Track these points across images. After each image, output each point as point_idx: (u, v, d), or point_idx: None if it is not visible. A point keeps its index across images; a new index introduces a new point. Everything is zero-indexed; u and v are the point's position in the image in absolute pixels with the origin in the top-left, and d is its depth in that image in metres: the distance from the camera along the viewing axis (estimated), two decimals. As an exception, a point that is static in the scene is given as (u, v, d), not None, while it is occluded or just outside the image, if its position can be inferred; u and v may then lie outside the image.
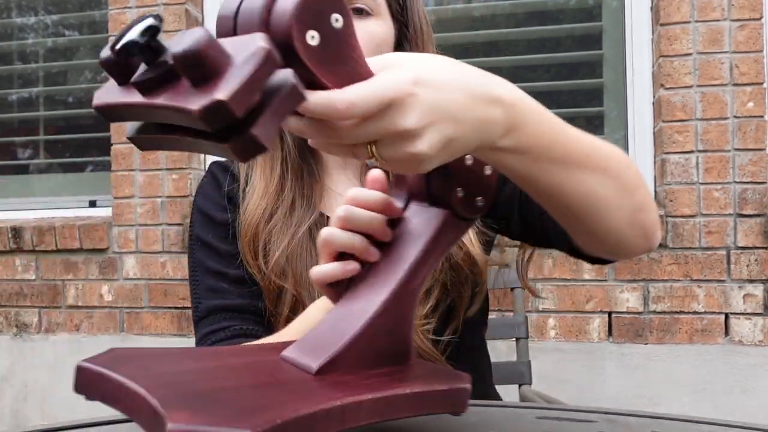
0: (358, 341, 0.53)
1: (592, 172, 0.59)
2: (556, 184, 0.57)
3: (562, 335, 1.94)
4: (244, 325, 0.86)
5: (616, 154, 0.63)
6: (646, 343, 1.90)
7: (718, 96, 1.88)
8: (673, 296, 1.88)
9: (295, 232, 0.86)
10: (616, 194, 0.62)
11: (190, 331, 2.15)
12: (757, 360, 1.85)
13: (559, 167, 0.56)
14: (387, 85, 0.46)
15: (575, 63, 2.17)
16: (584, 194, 0.59)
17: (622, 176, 0.62)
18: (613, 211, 0.62)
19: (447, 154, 0.49)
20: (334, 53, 0.45)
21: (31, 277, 2.30)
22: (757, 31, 1.87)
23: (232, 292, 0.88)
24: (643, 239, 0.68)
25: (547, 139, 0.55)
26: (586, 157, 0.58)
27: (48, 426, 0.60)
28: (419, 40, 0.89)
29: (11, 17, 2.60)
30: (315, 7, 0.44)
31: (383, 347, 0.55)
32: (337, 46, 0.45)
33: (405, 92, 0.46)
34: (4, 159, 2.58)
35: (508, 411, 0.67)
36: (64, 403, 2.25)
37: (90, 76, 2.55)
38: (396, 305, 0.55)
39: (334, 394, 0.46)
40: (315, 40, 0.44)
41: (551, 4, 2.19)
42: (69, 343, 2.25)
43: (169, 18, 2.21)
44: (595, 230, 0.64)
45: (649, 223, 0.67)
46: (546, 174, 0.56)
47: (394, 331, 0.55)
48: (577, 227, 0.66)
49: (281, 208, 0.87)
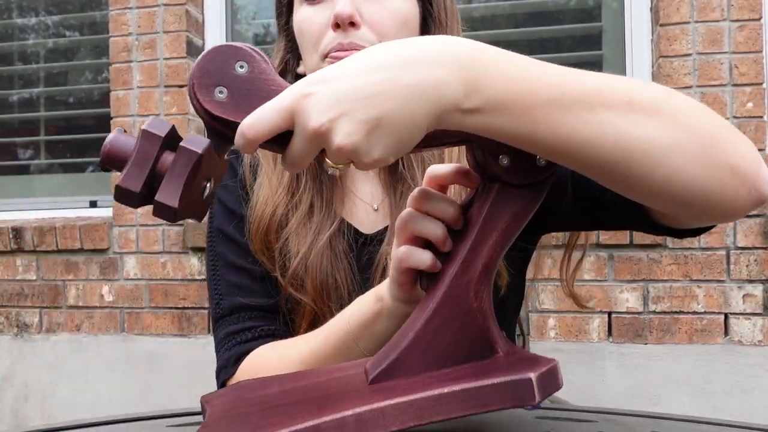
0: (416, 343, 0.51)
1: (611, 109, 0.48)
2: (564, 136, 0.48)
3: (562, 335, 1.94)
4: (271, 326, 0.82)
5: (649, 85, 0.52)
6: (646, 343, 1.90)
7: (718, 96, 1.88)
8: (673, 296, 1.88)
9: (314, 240, 0.80)
10: (663, 130, 0.49)
11: (191, 331, 2.15)
12: (756, 360, 1.85)
13: (557, 114, 0.48)
14: (282, 97, 0.46)
15: (575, 63, 2.16)
16: (612, 140, 0.48)
17: (663, 109, 0.50)
18: (670, 154, 0.49)
19: (386, 135, 0.46)
20: (250, 95, 0.48)
21: (31, 278, 2.30)
22: (757, 32, 1.87)
23: (256, 291, 0.83)
24: (741, 184, 0.51)
25: (527, 85, 0.48)
26: (595, 93, 0.49)
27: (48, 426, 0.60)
28: (443, 17, 0.86)
29: (12, 18, 2.61)
30: (211, 67, 0.48)
31: (453, 344, 0.51)
32: (251, 87, 0.48)
33: (299, 95, 0.45)
34: (5, 159, 2.58)
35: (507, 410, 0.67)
36: (64, 403, 2.25)
37: (90, 76, 2.55)
38: (456, 299, 0.52)
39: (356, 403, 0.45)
40: (223, 94, 0.48)
41: (551, 5, 2.19)
42: (69, 343, 2.26)
43: (169, 18, 2.21)
44: (658, 185, 0.50)
45: (740, 161, 0.52)
46: (544, 127, 0.48)
47: (464, 326, 0.52)
48: (629, 187, 0.52)
49: (298, 211, 0.82)
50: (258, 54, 0.49)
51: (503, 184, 0.52)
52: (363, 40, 0.77)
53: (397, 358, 0.51)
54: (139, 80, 2.23)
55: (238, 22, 2.38)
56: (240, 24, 2.38)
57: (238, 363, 0.81)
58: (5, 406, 2.30)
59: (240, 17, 2.39)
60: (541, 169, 0.52)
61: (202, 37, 2.30)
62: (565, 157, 0.50)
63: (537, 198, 0.53)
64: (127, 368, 2.20)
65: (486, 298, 0.52)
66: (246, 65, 0.48)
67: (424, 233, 0.56)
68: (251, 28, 2.40)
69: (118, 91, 2.24)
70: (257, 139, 0.46)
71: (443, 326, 0.51)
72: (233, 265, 0.85)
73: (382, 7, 0.79)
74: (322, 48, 0.79)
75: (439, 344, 0.51)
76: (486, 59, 0.48)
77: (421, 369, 0.51)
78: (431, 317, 0.51)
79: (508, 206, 0.52)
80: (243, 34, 2.39)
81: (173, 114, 2.19)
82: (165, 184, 0.45)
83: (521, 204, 0.52)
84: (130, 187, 0.45)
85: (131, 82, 2.23)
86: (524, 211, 0.53)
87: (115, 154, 0.46)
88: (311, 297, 0.79)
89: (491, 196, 0.52)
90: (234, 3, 2.35)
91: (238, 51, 0.48)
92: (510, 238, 0.53)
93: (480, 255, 0.52)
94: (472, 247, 0.52)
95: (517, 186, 0.52)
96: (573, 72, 0.50)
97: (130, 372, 2.20)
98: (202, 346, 2.14)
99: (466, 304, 0.52)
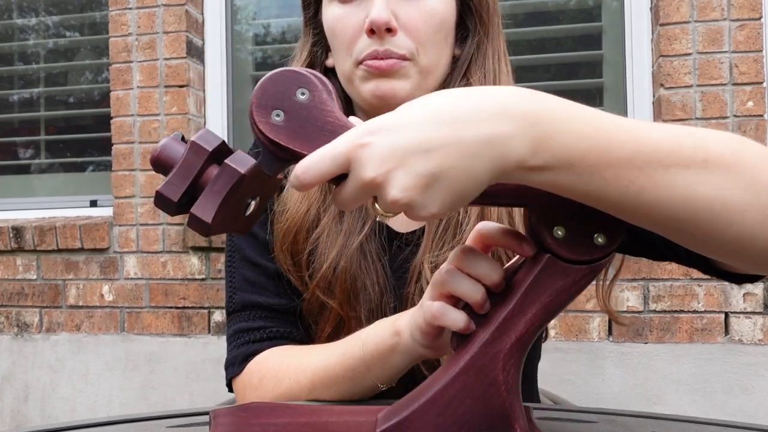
0: (432, 405, 0.49)
1: (685, 168, 0.46)
2: (633, 195, 0.46)
3: (563, 335, 1.94)
4: (281, 327, 0.81)
5: (721, 139, 0.50)
6: (646, 342, 1.90)
7: (718, 95, 1.88)
8: (673, 295, 1.88)
9: (345, 244, 0.78)
10: (733, 190, 0.47)
11: (191, 331, 2.16)
12: (756, 359, 1.85)
13: (628, 173, 0.46)
14: (338, 143, 0.46)
15: (575, 63, 2.17)
16: (681, 200, 0.47)
17: (737, 165, 0.48)
18: (742, 214, 0.48)
19: (444, 190, 0.44)
20: (307, 123, 0.48)
21: (32, 277, 2.30)
22: (757, 31, 1.87)
23: (269, 289, 0.82)
24: None
25: (597, 144, 0.46)
26: (668, 152, 0.46)
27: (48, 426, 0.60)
28: (483, 11, 0.82)
29: (12, 18, 2.61)
30: (272, 89, 0.48)
31: (470, 413, 0.49)
32: (308, 116, 0.48)
33: (356, 145, 0.45)
34: (5, 159, 2.58)
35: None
36: (64, 403, 2.25)
37: (90, 76, 2.55)
38: (481, 367, 0.49)
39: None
40: (280, 117, 0.48)
41: (551, 5, 2.19)
42: (70, 342, 2.26)
43: (169, 18, 2.21)
44: (727, 243, 0.49)
45: None
46: (614, 186, 0.46)
47: (484, 398, 0.49)
48: (696, 243, 0.51)
49: (329, 212, 0.80)
50: (321, 83, 0.49)
51: (554, 256, 0.50)
52: (399, 47, 0.75)
53: (409, 416, 0.50)
54: (139, 80, 2.23)
55: (238, 22, 2.38)
56: (240, 24, 2.38)
57: (246, 362, 0.80)
58: (5, 406, 2.30)
59: (240, 17, 2.39)
60: (597, 248, 0.50)
61: (202, 37, 2.30)
62: (632, 215, 0.48)
63: (588, 277, 0.50)
64: (127, 368, 2.21)
65: (514, 372, 0.50)
66: (307, 92, 0.48)
67: (461, 294, 0.53)
68: (251, 28, 2.40)
69: (118, 91, 2.24)
70: (312, 183, 0.46)
71: (463, 393, 0.49)
72: (249, 260, 0.84)
73: (417, 9, 0.76)
74: (356, 53, 0.77)
75: (456, 410, 0.49)
76: (557, 115, 0.46)
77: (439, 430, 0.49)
78: (452, 381, 0.49)
79: (554, 281, 0.50)
80: (243, 34, 2.39)
81: (173, 114, 2.19)
82: (203, 198, 0.46)
83: (569, 281, 0.50)
84: (169, 195, 0.47)
85: (131, 82, 2.23)
86: (571, 288, 0.50)
87: (164, 160, 0.48)
88: (338, 301, 0.77)
89: (538, 267, 0.50)
90: (234, 3, 2.35)
91: (301, 77, 0.49)
92: (551, 315, 0.50)
93: (515, 327, 0.50)
94: (508, 317, 0.50)
95: (568, 261, 0.50)
96: (646, 127, 0.48)
97: (130, 372, 2.20)
98: (202, 346, 2.14)
99: (492, 375, 0.49)
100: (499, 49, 0.84)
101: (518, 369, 0.50)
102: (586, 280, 0.50)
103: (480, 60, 0.83)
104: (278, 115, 0.48)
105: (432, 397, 0.49)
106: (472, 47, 0.83)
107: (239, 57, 2.36)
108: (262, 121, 0.47)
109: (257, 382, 0.77)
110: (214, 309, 2.15)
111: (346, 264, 0.77)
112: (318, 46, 0.86)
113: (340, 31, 0.78)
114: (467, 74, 0.82)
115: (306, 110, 0.48)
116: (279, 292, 0.82)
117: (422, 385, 0.53)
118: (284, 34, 2.40)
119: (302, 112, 0.48)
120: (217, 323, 2.14)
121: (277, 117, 0.48)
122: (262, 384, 0.76)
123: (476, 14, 0.82)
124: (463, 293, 0.53)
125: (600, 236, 0.49)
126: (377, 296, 0.77)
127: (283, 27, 2.40)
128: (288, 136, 0.48)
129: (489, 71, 0.82)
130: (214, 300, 2.14)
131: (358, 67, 0.77)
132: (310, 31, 0.86)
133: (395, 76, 0.76)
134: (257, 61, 2.39)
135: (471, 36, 0.83)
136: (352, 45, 0.77)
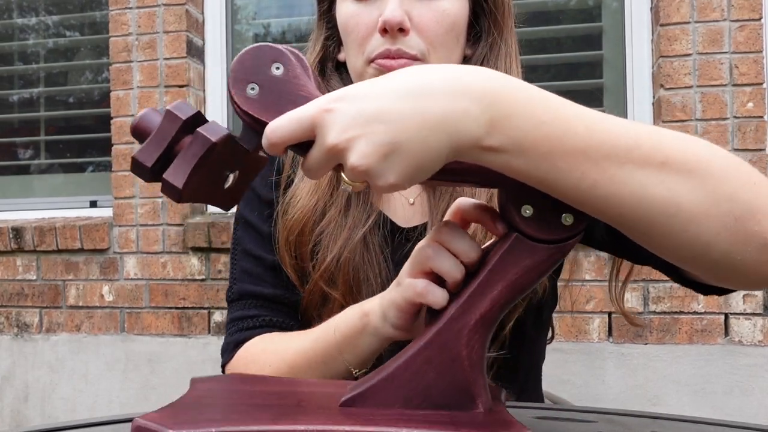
0: (396, 376, 0.50)
1: (640, 167, 0.46)
2: (585, 188, 0.46)
3: (563, 335, 1.94)
4: (274, 317, 0.83)
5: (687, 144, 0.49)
6: (646, 343, 1.90)
7: (718, 96, 1.88)
8: (673, 296, 1.88)
9: (349, 236, 0.79)
10: (691, 196, 0.47)
11: (191, 331, 2.16)
12: (756, 360, 1.85)
13: (581, 165, 0.46)
14: (306, 108, 0.47)
15: (575, 63, 2.17)
16: (635, 198, 0.47)
17: (699, 171, 0.47)
18: (697, 220, 0.47)
19: (402, 161, 0.45)
20: (280, 97, 0.49)
21: (31, 278, 2.30)
22: (757, 32, 1.87)
23: (266, 280, 0.84)
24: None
25: (554, 131, 0.46)
26: (625, 149, 0.46)
27: (48, 426, 0.60)
28: (499, 13, 0.82)
29: (12, 18, 2.61)
30: (249, 63, 0.49)
31: (434, 386, 0.50)
32: (282, 89, 0.49)
33: (322, 110, 0.46)
34: (5, 159, 2.58)
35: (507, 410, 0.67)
36: (64, 403, 2.25)
37: (90, 76, 2.55)
38: (445, 342, 0.50)
39: (315, 420, 0.45)
40: (255, 91, 0.49)
41: (551, 5, 2.19)
42: (69, 343, 2.26)
43: (169, 18, 2.21)
44: (681, 248, 0.49)
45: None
46: (566, 175, 0.46)
47: (447, 372, 0.50)
48: (652, 243, 0.50)
49: (335, 205, 0.81)
50: (296, 58, 0.50)
51: (521, 234, 0.50)
52: (411, 47, 0.76)
53: (373, 386, 0.50)
54: (139, 80, 2.23)
55: (238, 22, 2.38)
56: (240, 24, 2.38)
57: (236, 349, 0.83)
58: (5, 406, 2.30)
59: (240, 17, 2.39)
60: (565, 227, 0.50)
61: (202, 37, 2.30)
62: (584, 207, 0.48)
63: (554, 256, 0.50)
64: (127, 368, 2.20)
65: (478, 348, 0.50)
66: (282, 67, 0.50)
67: (443, 272, 0.54)
68: (251, 28, 2.40)
69: (118, 91, 2.24)
70: (279, 143, 0.47)
71: (426, 366, 0.50)
72: (248, 252, 0.86)
73: (430, 9, 0.77)
74: (368, 51, 0.77)
75: (419, 383, 0.50)
76: (516, 97, 0.47)
77: (395, 403, 0.50)
78: (416, 354, 0.50)
79: (521, 259, 0.50)
80: (243, 34, 2.39)
81: (173, 114, 2.19)
82: (175, 164, 0.48)
83: (535, 259, 0.50)
84: (143, 160, 0.48)
85: (131, 82, 2.23)
86: (537, 267, 0.50)
87: (141, 128, 0.50)
88: (341, 292, 0.79)
89: (506, 245, 0.50)
90: (234, 3, 2.35)
91: (276, 52, 0.50)
92: (517, 293, 0.50)
93: (480, 304, 0.50)
94: (474, 294, 0.50)
95: (535, 240, 0.50)
96: (608, 122, 0.48)
97: (130, 372, 2.20)
98: (202, 346, 2.14)
99: (456, 350, 0.50)
100: (512, 49, 0.85)
101: (483, 345, 0.50)
102: (552, 259, 0.50)
103: (492, 60, 0.83)
104: (253, 88, 0.49)
105: (396, 369, 0.50)
106: (485, 48, 0.84)
107: (239, 57, 2.36)
108: (238, 94, 0.49)
109: (243, 368, 0.80)
110: (214, 309, 2.15)
111: (349, 255, 0.78)
112: (331, 40, 0.87)
113: (353, 29, 0.79)
114: None
115: (280, 84, 0.49)
116: (276, 283, 0.84)
117: (391, 359, 0.53)
118: (284, 34, 2.40)
119: (276, 86, 0.49)
120: (217, 323, 2.14)
121: (252, 90, 0.49)
122: (247, 369, 0.79)
123: (491, 16, 0.82)
124: (445, 271, 0.54)
125: (568, 216, 0.49)
126: (379, 288, 0.78)
127: (283, 27, 2.40)
128: (261, 108, 0.49)
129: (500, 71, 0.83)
130: (214, 300, 2.14)
131: (370, 65, 0.77)
132: (324, 25, 0.87)
133: None
134: (257, 62, 2.39)
135: (484, 36, 0.83)
136: (365, 43, 0.78)
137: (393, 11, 0.74)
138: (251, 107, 0.49)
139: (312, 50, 0.88)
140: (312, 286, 0.80)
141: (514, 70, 0.84)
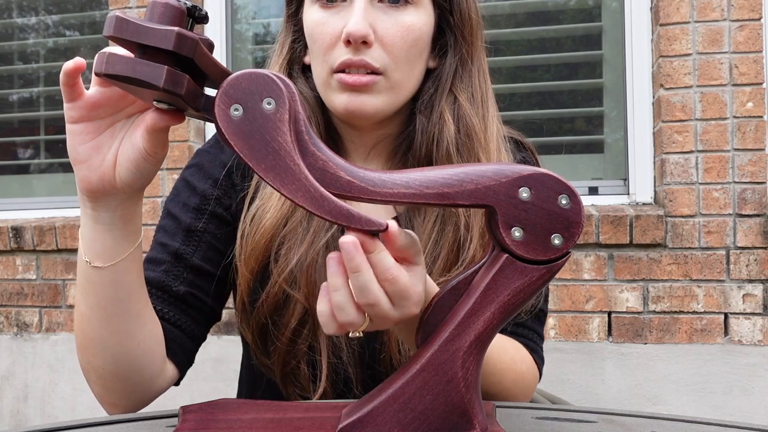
0: (393, 401, 0.51)
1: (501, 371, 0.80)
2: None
3: (562, 335, 1.94)
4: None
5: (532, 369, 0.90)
6: (646, 342, 1.90)
7: (718, 96, 1.88)
8: (673, 296, 1.89)
9: (313, 241, 0.80)
10: (515, 380, 0.82)
11: (191, 330, 2.15)
12: (756, 360, 1.85)
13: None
14: None
15: (575, 63, 2.17)
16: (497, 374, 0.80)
17: (524, 375, 0.86)
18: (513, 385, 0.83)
19: None
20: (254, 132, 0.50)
21: (31, 277, 2.30)
22: (757, 32, 1.87)
23: (161, 263, 0.82)
24: (527, 396, 0.88)
25: None
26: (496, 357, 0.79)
27: (48, 426, 0.60)
28: (466, 30, 0.82)
29: (12, 17, 2.61)
30: (246, 85, 0.50)
31: (431, 409, 0.51)
32: (261, 126, 0.50)
33: None
34: (4, 159, 2.58)
35: (507, 410, 0.67)
36: (64, 403, 2.25)
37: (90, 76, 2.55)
38: (440, 365, 0.51)
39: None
40: (238, 112, 0.50)
41: (551, 5, 2.19)
42: (69, 342, 2.25)
43: (169, 18, 2.21)
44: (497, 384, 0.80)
45: (529, 393, 0.89)
46: None
47: (443, 394, 0.51)
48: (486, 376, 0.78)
49: (299, 210, 0.81)
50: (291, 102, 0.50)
51: (512, 256, 0.51)
52: (374, 59, 0.76)
53: (371, 411, 0.51)
54: (138, 80, 2.22)
55: (238, 21, 2.38)
56: (240, 24, 2.38)
57: None
58: (5, 405, 2.30)
59: (240, 17, 2.39)
60: (554, 248, 0.51)
61: (202, 36, 2.30)
62: None
63: (545, 277, 0.51)
64: (127, 368, 2.20)
65: (473, 369, 0.51)
66: (273, 105, 0.50)
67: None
68: (251, 28, 2.40)
69: (117, 91, 2.24)
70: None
71: (423, 389, 0.51)
72: (158, 241, 0.85)
73: (395, 23, 0.77)
74: (331, 60, 0.77)
75: (416, 406, 0.51)
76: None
77: (393, 427, 0.50)
78: (412, 378, 0.51)
79: (512, 280, 0.51)
80: (243, 33, 2.39)
81: (173, 114, 2.19)
82: (132, 57, 0.51)
83: (526, 280, 0.51)
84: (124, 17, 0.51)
85: (131, 81, 2.23)
86: (529, 287, 0.51)
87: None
88: (304, 294, 0.79)
89: (497, 266, 0.51)
90: (234, 3, 2.35)
91: (275, 88, 0.50)
92: (510, 313, 0.52)
93: (474, 325, 0.51)
94: (467, 316, 0.51)
95: (526, 261, 0.51)
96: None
97: (129, 372, 2.20)
98: (202, 346, 2.14)
99: (451, 372, 0.51)
100: (484, 71, 0.86)
101: (477, 366, 0.52)
102: (543, 279, 0.51)
103: (466, 78, 0.84)
104: (237, 109, 0.50)
105: (393, 394, 0.51)
106: (455, 63, 0.83)
107: (239, 56, 2.36)
108: (221, 107, 0.50)
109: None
110: (214, 309, 2.15)
111: (312, 258, 0.79)
112: (297, 43, 0.87)
113: (318, 37, 0.79)
114: (453, 91, 0.83)
115: (262, 120, 0.50)
116: (168, 270, 0.82)
117: (385, 381, 0.54)
118: (284, 34, 2.40)
119: (258, 120, 0.50)
120: (217, 324, 2.14)
121: (236, 111, 0.50)
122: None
123: (457, 30, 0.83)
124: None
125: (557, 237, 0.51)
126: None
127: (283, 27, 2.40)
128: (234, 131, 0.50)
129: (477, 91, 0.84)
130: (213, 300, 2.14)
131: (332, 76, 0.78)
132: (291, 28, 0.87)
133: (366, 91, 0.77)
134: (257, 61, 2.39)
135: (452, 50, 0.83)
136: (329, 52, 0.78)
137: (357, 23, 0.74)
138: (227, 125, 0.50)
139: (279, 53, 0.87)
140: (273, 287, 0.81)
141: (487, 89, 0.85)
